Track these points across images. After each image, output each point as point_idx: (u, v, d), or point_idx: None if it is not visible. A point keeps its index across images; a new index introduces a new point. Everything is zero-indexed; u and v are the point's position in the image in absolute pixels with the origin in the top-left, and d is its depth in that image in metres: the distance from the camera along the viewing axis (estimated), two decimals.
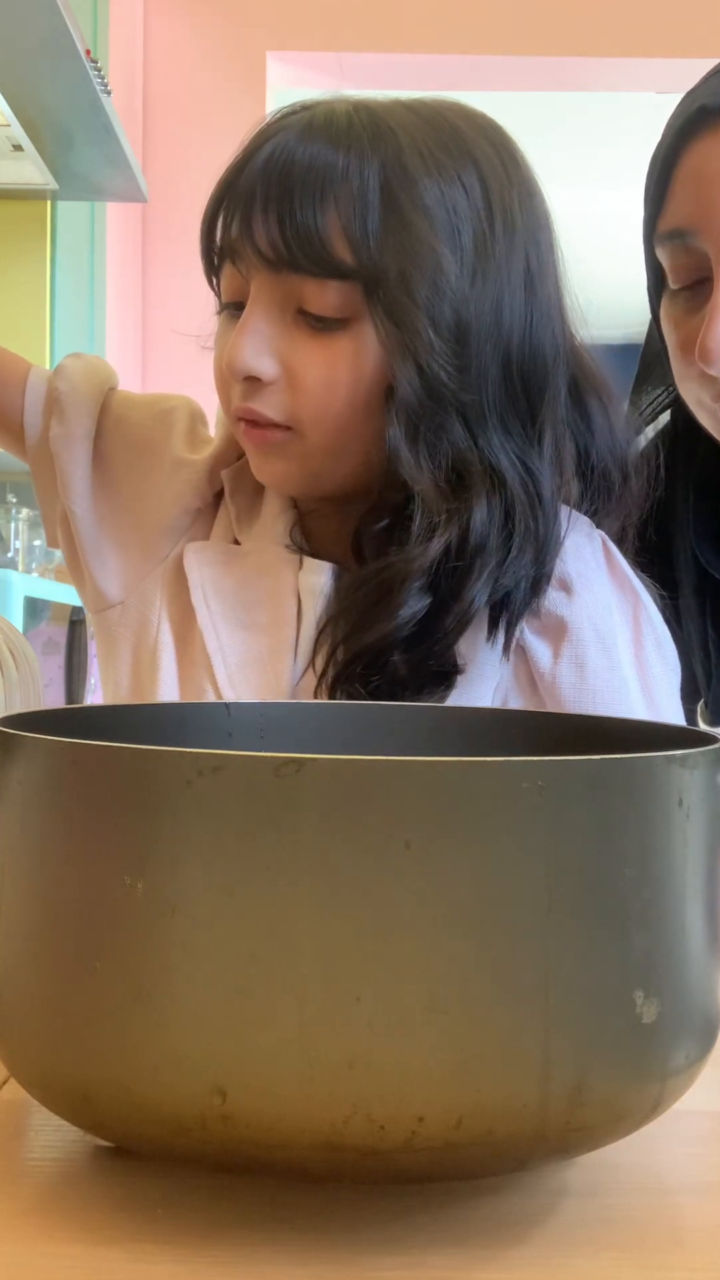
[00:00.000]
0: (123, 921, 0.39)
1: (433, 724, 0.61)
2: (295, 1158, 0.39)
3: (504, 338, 0.89)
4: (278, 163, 0.86)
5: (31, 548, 3.57)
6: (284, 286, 0.87)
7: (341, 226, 0.85)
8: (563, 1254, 0.40)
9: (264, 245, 0.86)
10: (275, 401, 0.89)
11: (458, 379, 0.87)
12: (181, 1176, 0.43)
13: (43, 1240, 0.40)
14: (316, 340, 0.88)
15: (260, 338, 0.88)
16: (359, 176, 0.85)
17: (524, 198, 0.91)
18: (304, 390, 0.88)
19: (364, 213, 0.85)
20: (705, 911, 0.43)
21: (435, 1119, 0.38)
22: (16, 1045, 0.42)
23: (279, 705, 0.63)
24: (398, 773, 0.38)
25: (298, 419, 0.89)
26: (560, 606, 0.92)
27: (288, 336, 0.88)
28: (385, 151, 0.86)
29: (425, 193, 0.86)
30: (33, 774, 0.42)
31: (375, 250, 0.85)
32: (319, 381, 0.88)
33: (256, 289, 0.88)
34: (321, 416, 0.89)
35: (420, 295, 0.86)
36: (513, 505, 0.89)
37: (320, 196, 0.84)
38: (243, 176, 0.87)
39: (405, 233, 0.85)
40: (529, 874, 0.38)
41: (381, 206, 0.85)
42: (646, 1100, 0.41)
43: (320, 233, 0.85)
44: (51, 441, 1.00)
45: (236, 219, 0.87)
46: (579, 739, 0.55)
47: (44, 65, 2.83)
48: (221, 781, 0.38)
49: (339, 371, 0.88)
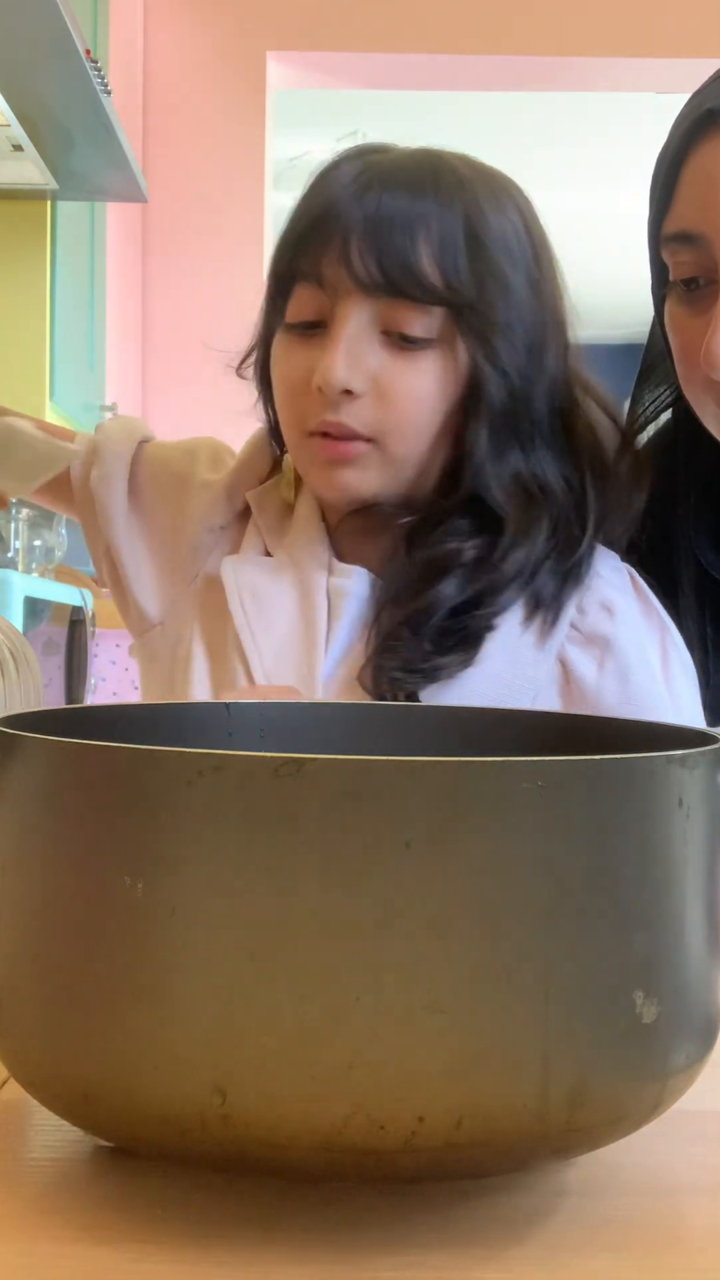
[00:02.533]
0: (123, 921, 0.39)
1: (433, 724, 0.61)
2: (295, 1158, 0.39)
3: (552, 358, 0.99)
4: (373, 201, 0.95)
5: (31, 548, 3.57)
6: (375, 309, 0.96)
7: (433, 257, 0.95)
8: (563, 1254, 0.40)
9: (360, 271, 0.94)
10: (363, 415, 0.96)
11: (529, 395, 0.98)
12: (181, 1176, 0.43)
13: (43, 1240, 0.40)
14: (403, 357, 0.96)
15: (353, 354, 0.96)
16: (447, 213, 0.95)
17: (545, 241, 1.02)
18: (392, 403, 0.96)
19: (452, 245, 0.95)
20: (705, 911, 0.43)
21: (435, 1119, 0.38)
22: (16, 1045, 0.42)
23: (279, 705, 0.63)
24: (398, 773, 0.38)
25: (382, 430, 0.97)
26: (604, 625, 0.99)
27: (375, 354, 0.96)
28: (464, 192, 0.97)
29: (495, 226, 0.97)
30: (33, 774, 0.42)
31: (463, 279, 0.95)
32: (406, 395, 0.96)
33: (345, 310, 0.96)
34: (405, 429, 0.97)
35: (500, 316, 0.97)
36: (558, 515, 0.98)
37: (415, 230, 0.94)
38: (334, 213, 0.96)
39: (485, 262, 0.96)
40: (529, 874, 0.38)
41: (465, 240, 0.95)
42: (646, 1100, 0.41)
43: (416, 263, 0.94)
44: (92, 483, 1.11)
45: (330, 249, 0.96)
46: (579, 739, 0.55)
47: (44, 65, 2.83)
48: (221, 781, 0.38)
49: (425, 388, 0.97)
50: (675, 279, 0.93)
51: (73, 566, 3.32)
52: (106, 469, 1.11)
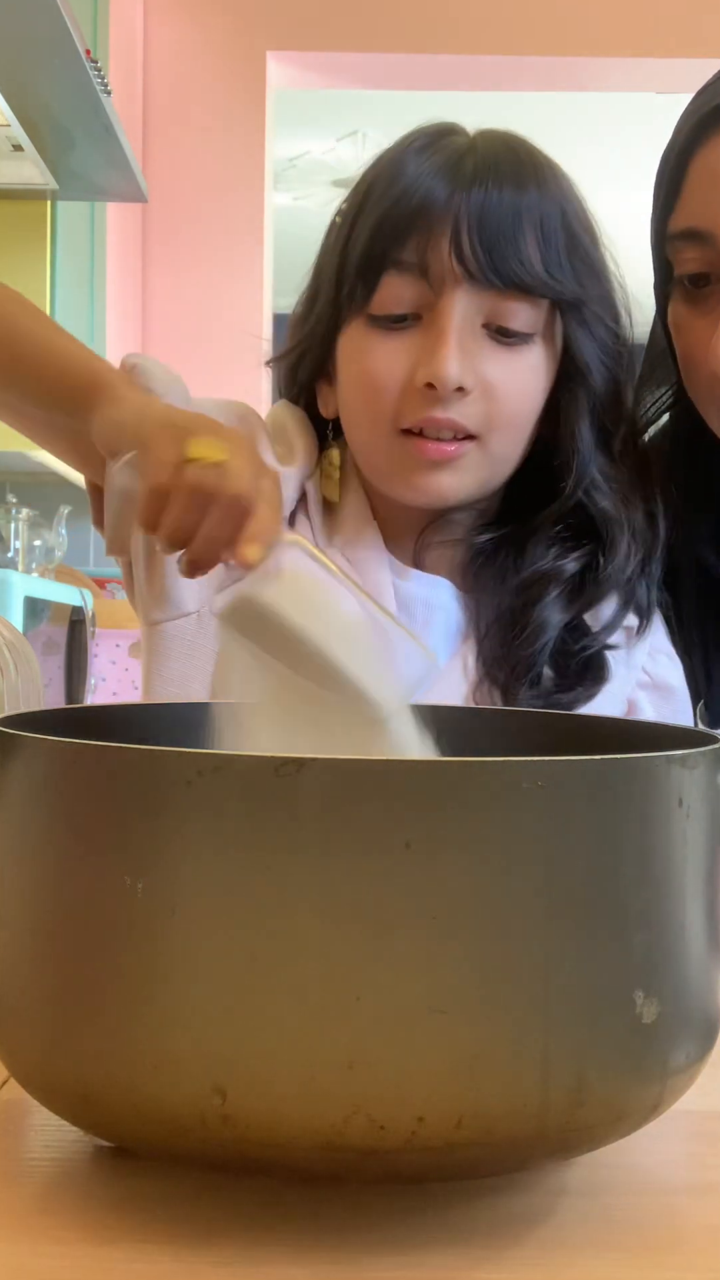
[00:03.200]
0: (123, 921, 0.39)
1: (432, 724, 0.61)
2: (295, 1158, 0.39)
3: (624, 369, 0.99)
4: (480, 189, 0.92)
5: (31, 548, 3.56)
6: (480, 302, 0.93)
7: (538, 248, 0.93)
8: (563, 1254, 0.40)
9: (470, 261, 0.92)
10: (472, 412, 0.94)
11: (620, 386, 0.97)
12: (181, 1176, 0.43)
13: (43, 1240, 0.40)
14: (506, 353, 0.94)
15: (464, 349, 0.93)
16: (547, 203, 0.94)
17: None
18: (500, 399, 0.94)
19: (554, 236, 0.93)
20: (705, 911, 0.43)
21: (435, 1119, 0.38)
22: (16, 1045, 0.42)
23: None
24: (398, 773, 0.38)
25: (489, 428, 0.94)
26: (670, 673, 1.00)
27: (479, 349, 0.93)
28: (559, 181, 0.96)
29: (581, 214, 0.96)
30: (33, 774, 0.42)
31: (565, 269, 0.94)
32: (513, 391, 0.94)
33: (450, 302, 0.93)
34: (510, 426, 0.95)
35: (598, 307, 0.95)
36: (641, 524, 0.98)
37: (523, 221, 0.92)
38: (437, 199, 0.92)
39: (582, 253, 0.95)
40: (529, 874, 0.38)
41: (563, 230, 0.94)
42: (646, 1100, 0.41)
43: (521, 249, 0.92)
44: None
45: (435, 238, 0.92)
46: (579, 739, 0.55)
47: (44, 65, 2.83)
48: (221, 781, 0.38)
49: (528, 381, 0.95)
50: (682, 273, 0.93)
51: (73, 566, 3.31)
52: None
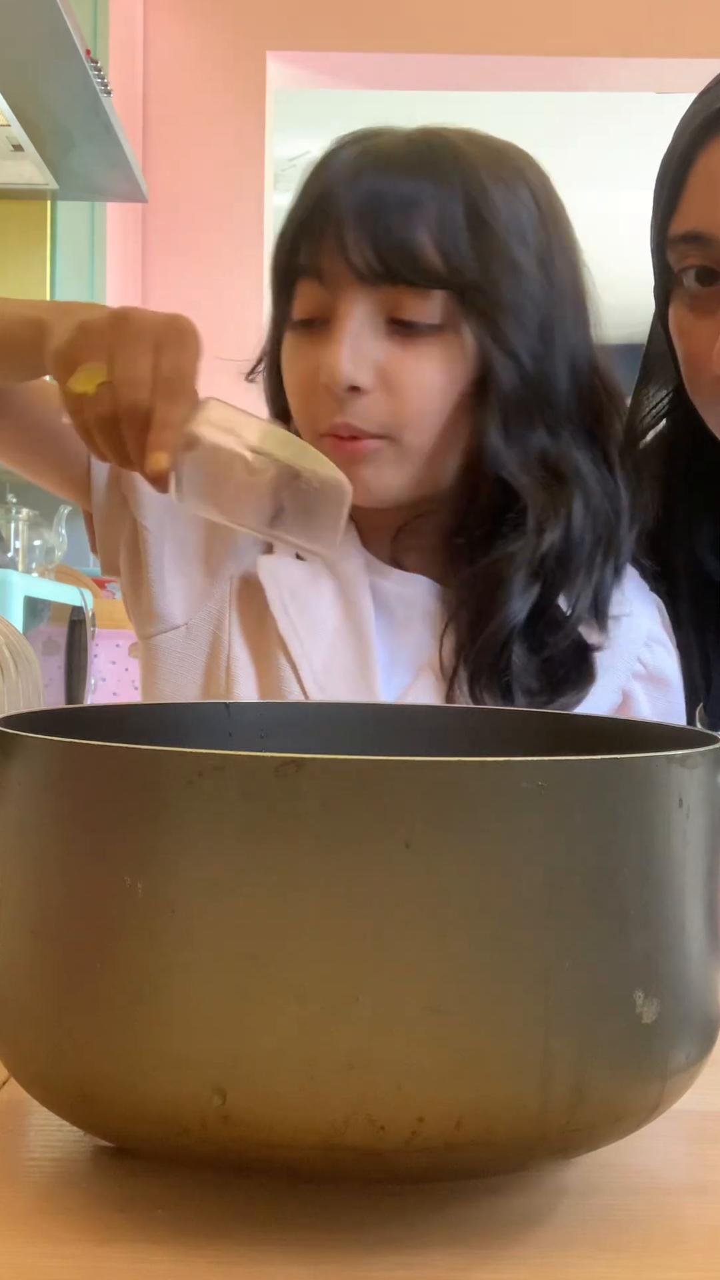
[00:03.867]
0: (123, 921, 0.39)
1: (433, 724, 0.61)
2: (295, 1158, 0.39)
3: (572, 342, 0.96)
4: (365, 187, 0.91)
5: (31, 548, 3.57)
6: (377, 298, 0.92)
7: (433, 240, 0.90)
8: (563, 1254, 0.40)
9: (359, 261, 0.90)
10: (374, 411, 0.92)
11: (543, 376, 0.94)
12: (181, 1176, 0.43)
13: (43, 1240, 0.40)
14: (410, 347, 0.92)
15: (356, 348, 0.91)
16: (444, 193, 0.91)
17: (562, 217, 0.99)
18: (402, 397, 0.92)
19: (452, 226, 0.91)
20: (705, 911, 0.43)
21: (435, 1119, 0.38)
22: (16, 1045, 0.42)
23: (279, 705, 0.63)
24: (398, 773, 0.38)
25: (396, 426, 0.93)
26: (665, 663, 0.99)
27: (382, 346, 0.92)
28: (463, 170, 0.92)
29: (498, 203, 0.93)
30: (33, 774, 0.42)
31: (464, 259, 0.91)
32: (416, 387, 0.92)
33: (347, 303, 0.92)
34: (419, 421, 0.93)
35: (507, 297, 0.92)
36: (598, 506, 0.95)
37: (411, 213, 0.90)
38: (327, 203, 0.92)
39: (488, 241, 0.92)
40: (529, 874, 0.38)
41: (466, 219, 0.91)
42: (646, 1100, 0.41)
43: (413, 245, 0.90)
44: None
45: (325, 240, 0.92)
46: (579, 739, 0.55)
47: (44, 65, 2.83)
48: (221, 781, 0.38)
49: (434, 376, 0.92)
50: (683, 276, 0.92)
51: (73, 566, 3.31)
52: None
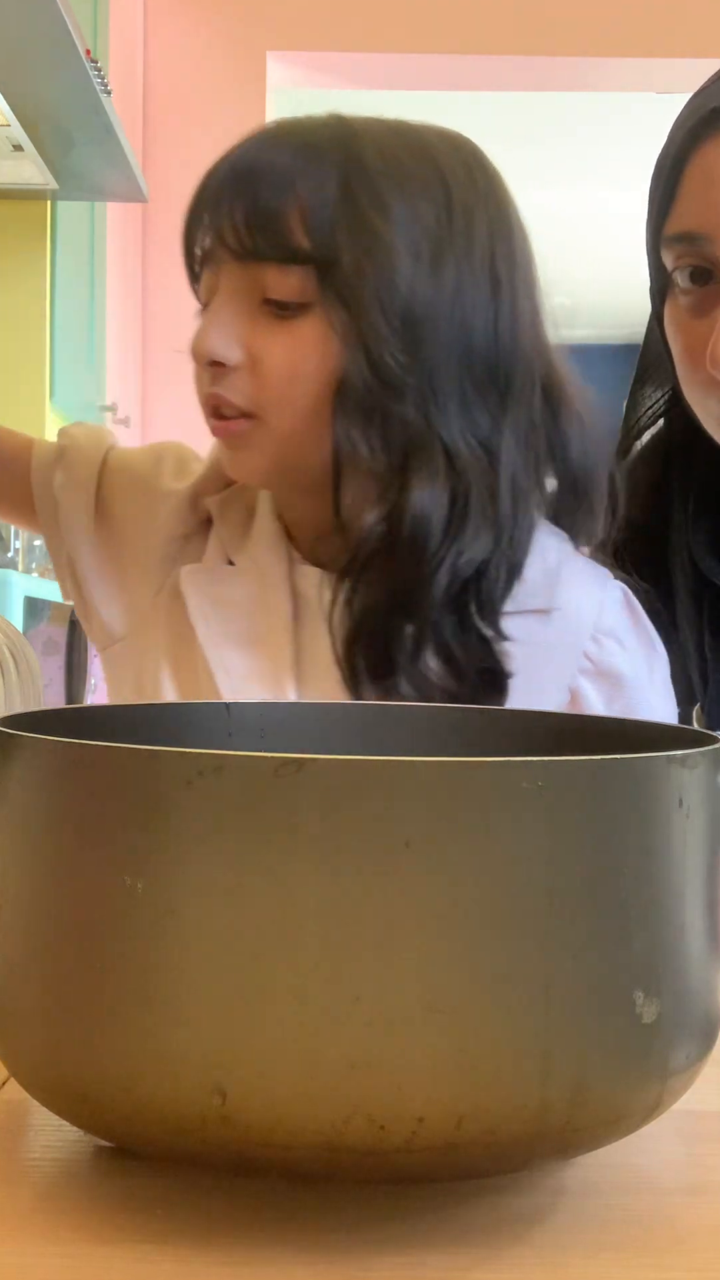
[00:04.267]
0: (123, 921, 0.39)
1: (433, 724, 0.61)
2: (295, 1158, 0.39)
3: (466, 330, 0.92)
4: (243, 162, 0.91)
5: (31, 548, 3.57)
6: (248, 275, 0.91)
7: (300, 214, 0.89)
8: (563, 1254, 0.40)
9: (229, 237, 0.90)
10: (239, 387, 0.92)
11: (406, 364, 0.90)
12: (181, 1176, 0.43)
13: (43, 1240, 0.40)
14: (279, 327, 0.91)
15: (225, 324, 0.91)
16: (319, 169, 0.90)
17: (490, 200, 0.94)
18: (266, 375, 0.91)
19: (322, 202, 0.89)
20: (705, 911, 0.43)
21: (435, 1119, 0.38)
22: (16, 1045, 0.42)
23: (279, 705, 0.63)
24: (398, 773, 0.38)
25: (261, 405, 0.92)
26: (617, 660, 0.95)
27: (252, 324, 0.91)
28: (347, 150, 0.91)
29: (384, 191, 0.90)
30: (33, 774, 0.42)
31: (330, 237, 0.89)
32: (281, 366, 0.91)
33: (224, 280, 0.92)
34: (284, 401, 0.91)
35: (371, 284, 0.90)
36: (467, 486, 0.91)
37: (281, 186, 0.89)
38: (212, 182, 0.92)
39: (360, 225, 0.90)
40: (529, 874, 0.38)
41: (339, 198, 0.89)
42: (646, 1100, 0.41)
43: (279, 219, 0.89)
44: (56, 491, 1.05)
45: (208, 222, 0.92)
46: (579, 739, 0.55)
47: (44, 65, 2.83)
48: (221, 781, 0.38)
49: (300, 357, 0.91)
50: (678, 276, 0.92)
51: None
52: (74, 475, 1.05)
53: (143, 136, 4.15)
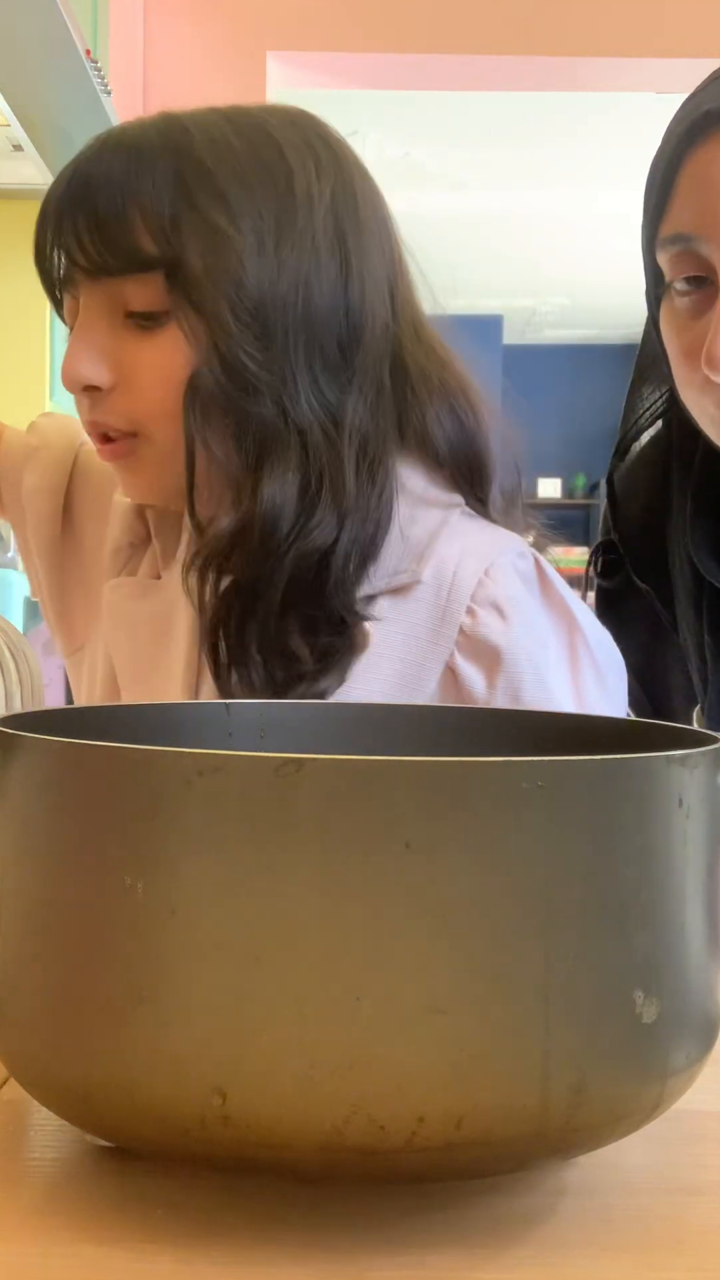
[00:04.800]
0: (123, 921, 0.39)
1: (432, 724, 0.61)
2: (295, 1158, 0.39)
3: (313, 310, 0.89)
4: (78, 177, 0.88)
5: None
6: (105, 292, 0.89)
7: (142, 220, 0.87)
8: (563, 1254, 0.40)
9: (78, 256, 0.88)
10: (117, 407, 0.89)
11: (260, 359, 0.88)
12: (181, 1176, 0.43)
13: (43, 1240, 0.40)
14: (144, 340, 0.89)
15: (91, 347, 0.89)
16: (151, 173, 0.87)
17: (336, 182, 0.91)
18: (140, 390, 0.89)
19: (160, 205, 0.87)
20: (705, 911, 0.43)
21: (435, 1119, 0.38)
22: (16, 1045, 0.42)
23: (279, 705, 0.63)
24: (398, 773, 0.38)
25: (140, 421, 0.89)
26: (494, 633, 0.89)
27: (117, 342, 0.89)
28: (178, 148, 0.88)
29: (222, 184, 0.88)
30: (33, 774, 0.42)
31: (174, 239, 0.87)
32: (152, 379, 0.88)
33: (84, 302, 0.90)
34: (161, 415, 0.89)
35: (218, 282, 0.87)
36: (320, 467, 0.88)
37: (118, 197, 0.87)
38: (51, 201, 0.90)
39: (201, 222, 0.87)
40: (529, 874, 0.38)
41: (176, 198, 0.87)
42: (646, 1100, 0.41)
43: (123, 229, 0.87)
44: (25, 496, 1.03)
45: (54, 242, 0.90)
46: (579, 739, 0.55)
47: (44, 65, 2.83)
48: (221, 781, 0.38)
49: (169, 367, 0.88)
50: (674, 278, 0.93)
51: None
52: (43, 480, 1.03)
53: None
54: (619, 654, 0.96)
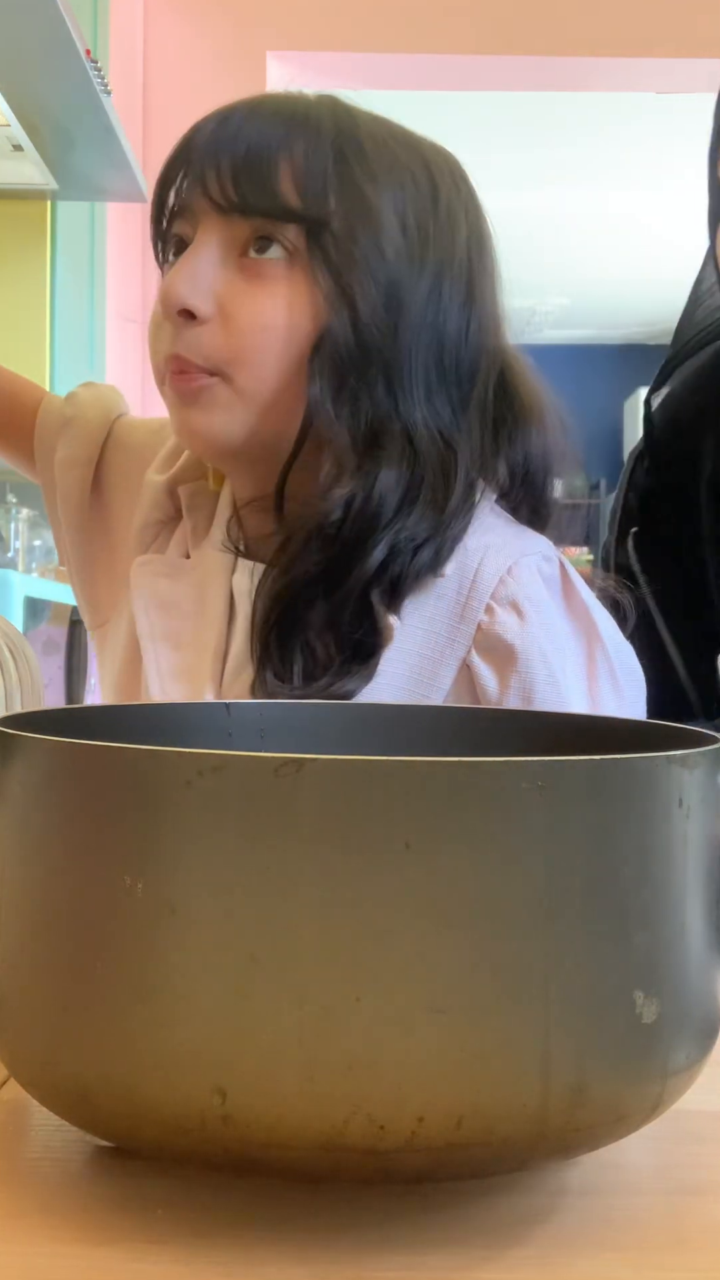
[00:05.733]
0: (123, 921, 0.39)
1: (432, 724, 0.61)
2: (295, 1158, 0.39)
3: (440, 322, 0.91)
4: (235, 117, 0.89)
5: (31, 548, 3.57)
6: (229, 229, 0.89)
7: (292, 172, 0.87)
8: (563, 1254, 0.40)
9: (214, 191, 0.88)
10: (207, 343, 0.88)
11: (386, 340, 0.89)
12: (181, 1176, 0.43)
13: (43, 1240, 0.40)
14: (255, 284, 0.88)
15: (198, 274, 0.88)
16: (315, 134, 0.88)
17: (470, 210, 0.94)
18: (237, 331, 0.88)
19: (315, 162, 0.88)
20: (705, 911, 0.43)
21: (435, 1119, 0.38)
22: (16, 1045, 0.42)
23: (279, 705, 0.63)
24: (398, 773, 0.38)
25: (228, 361, 0.88)
26: (510, 632, 0.89)
27: (226, 278, 0.88)
28: (341, 123, 0.90)
29: (376, 166, 0.89)
30: (33, 774, 0.42)
31: (322, 196, 0.88)
32: (253, 323, 0.88)
33: (202, 232, 0.89)
34: (252, 359, 0.88)
35: (361, 251, 0.88)
36: (423, 472, 0.89)
37: (274, 143, 0.87)
38: (199, 135, 0.90)
39: (354, 192, 0.88)
40: (529, 874, 0.38)
41: (334, 163, 0.88)
42: (646, 1100, 0.41)
43: (270, 174, 0.87)
44: (56, 466, 1.03)
45: (190, 175, 0.89)
46: (579, 739, 0.55)
47: (44, 65, 2.83)
48: (221, 781, 0.38)
49: (273, 315, 0.88)
50: None
51: None
52: (75, 452, 1.03)
53: (143, 136, 4.15)
54: (639, 668, 0.95)
